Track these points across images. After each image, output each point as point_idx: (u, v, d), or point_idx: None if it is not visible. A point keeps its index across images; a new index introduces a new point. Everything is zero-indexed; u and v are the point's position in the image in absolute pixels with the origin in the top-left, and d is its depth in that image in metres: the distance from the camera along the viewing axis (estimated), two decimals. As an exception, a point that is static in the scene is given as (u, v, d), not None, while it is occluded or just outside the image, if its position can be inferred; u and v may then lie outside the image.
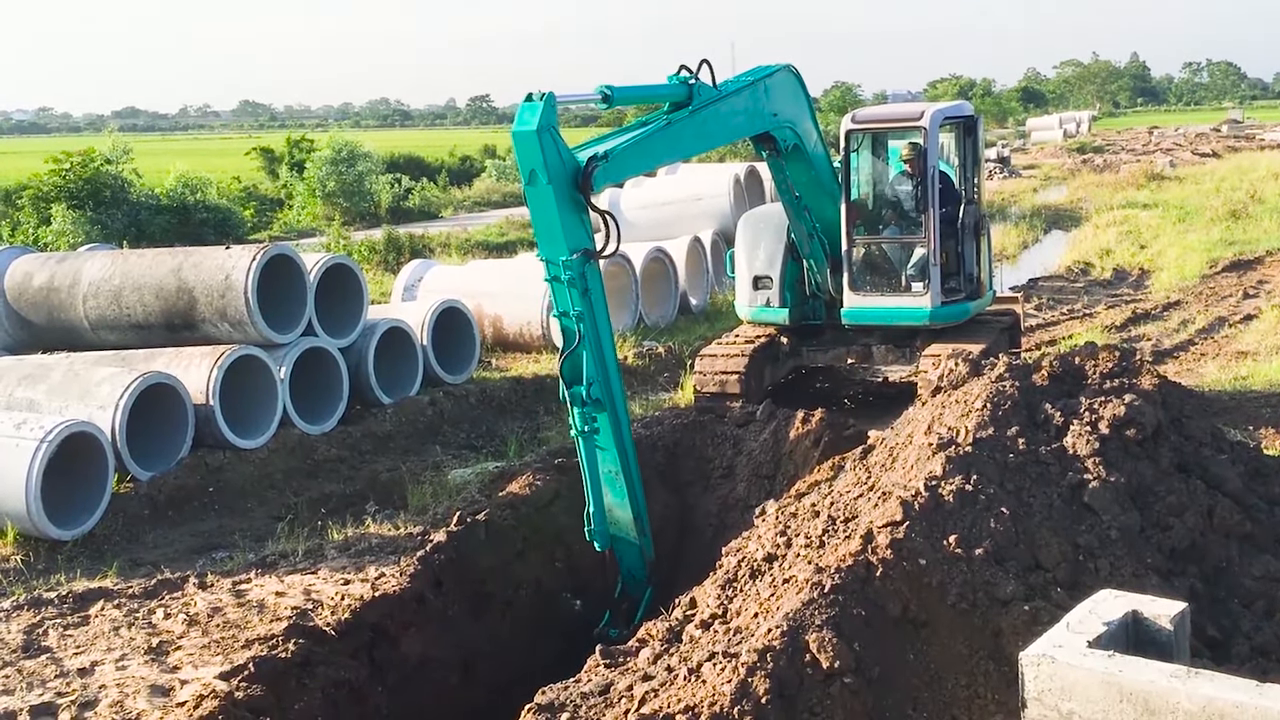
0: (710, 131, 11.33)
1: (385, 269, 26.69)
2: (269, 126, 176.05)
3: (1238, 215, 30.12)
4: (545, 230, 8.80)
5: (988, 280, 14.10)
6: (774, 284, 14.05)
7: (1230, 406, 12.75)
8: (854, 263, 13.60)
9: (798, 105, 12.85)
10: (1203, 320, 18.35)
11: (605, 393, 8.99)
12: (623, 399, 9.30)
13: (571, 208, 8.81)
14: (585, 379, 8.90)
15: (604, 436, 9.06)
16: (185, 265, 13.89)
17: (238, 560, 10.38)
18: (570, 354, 8.85)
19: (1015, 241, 30.06)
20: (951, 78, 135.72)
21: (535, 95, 8.57)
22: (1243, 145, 65.38)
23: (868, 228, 13.79)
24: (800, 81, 12.91)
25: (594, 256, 8.94)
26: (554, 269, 8.79)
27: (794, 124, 12.67)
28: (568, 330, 8.89)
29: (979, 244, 13.74)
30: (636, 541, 9.42)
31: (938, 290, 13.28)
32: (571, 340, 8.88)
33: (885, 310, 13.59)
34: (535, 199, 8.75)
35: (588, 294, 8.82)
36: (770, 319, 14.16)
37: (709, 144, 11.57)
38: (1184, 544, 6.40)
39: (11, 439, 10.97)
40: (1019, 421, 6.90)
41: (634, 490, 9.27)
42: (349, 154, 40.57)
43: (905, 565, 5.90)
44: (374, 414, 14.55)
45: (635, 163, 10.22)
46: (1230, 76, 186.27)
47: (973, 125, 13.87)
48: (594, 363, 8.91)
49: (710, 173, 28.91)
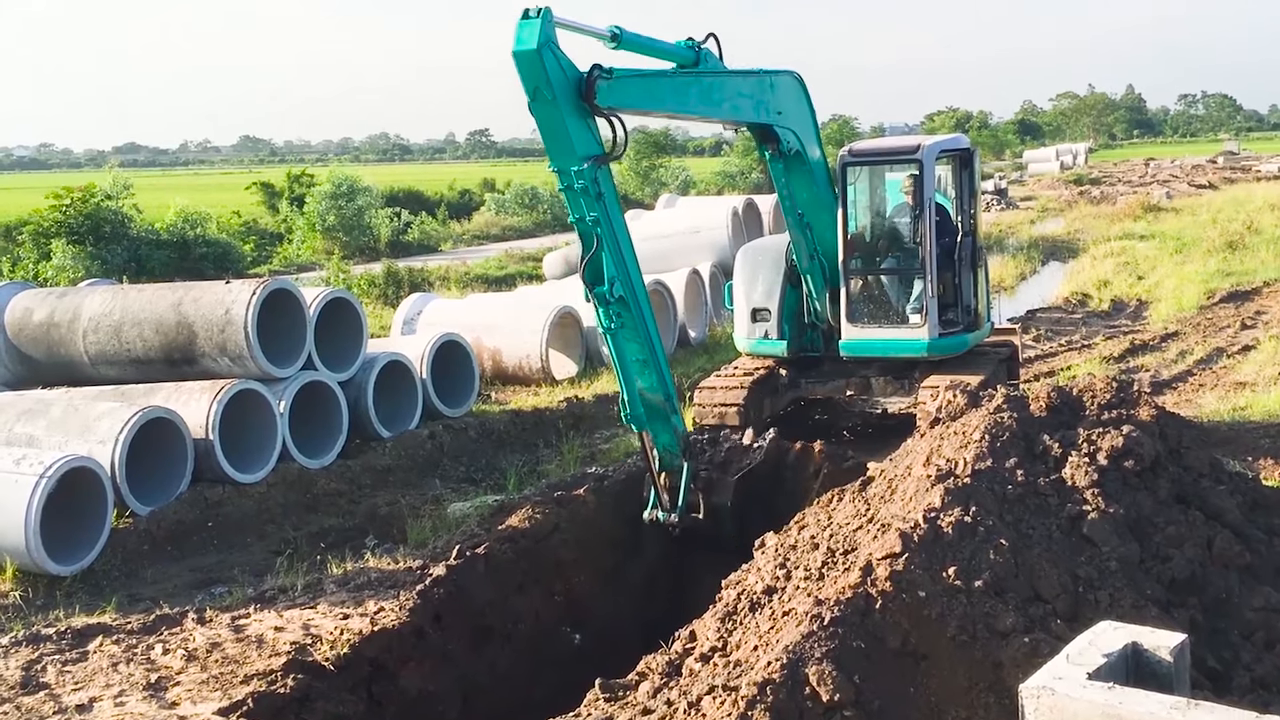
0: (715, 100, 11.63)
1: (385, 303, 26.74)
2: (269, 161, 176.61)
3: (1235, 246, 30.19)
4: (555, 143, 9.19)
5: (985, 312, 14.14)
6: (772, 316, 14.10)
7: (1229, 437, 12.74)
8: (852, 295, 13.65)
9: (800, 111, 12.99)
10: (1201, 351, 18.37)
11: (628, 290, 9.54)
12: (644, 291, 9.86)
13: (578, 117, 9.18)
14: (607, 279, 9.43)
15: (629, 330, 9.63)
16: (185, 300, 13.91)
17: (236, 595, 10.35)
18: (590, 259, 9.36)
19: (1013, 273, 30.13)
20: (948, 110, 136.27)
21: (532, 11, 8.77)
22: (1239, 176, 65.60)
23: (865, 260, 13.84)
24: (804, 90, 13.07)
25: (603, 161, 9.39)
26: (567, 179, 9.25)
27: (796, 129, 12.81)
28: (585, 235, 9.41)
29: (976, 276, 13.78)
30: (669, 421, 10.05)
31: (935, 322, 13.31)
32: (590, 245, 9.39)
33: (883, 342, 13.62)
34: (542, 114, 9.08)
35: (601, 198, 9.32)
36: (769, 350, 14.20)
37: (711, 110, 11.74)
38: (1184, 575, 6.39)
39: (11, 474, 10.96)
40: (1017, 453, 6.91)
41: (661, 374, 9.90)
42: (349, 188, 40.74)
43: (905, 597, 5.89)
44: (373, 447, 14.54)
45: (637, 93, 10.35)
46: (1226, 108, 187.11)
47: (969, 158, 13.92)
48: (613, 263, 9.44)
49: (708, 205, 29.01)
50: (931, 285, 13.27)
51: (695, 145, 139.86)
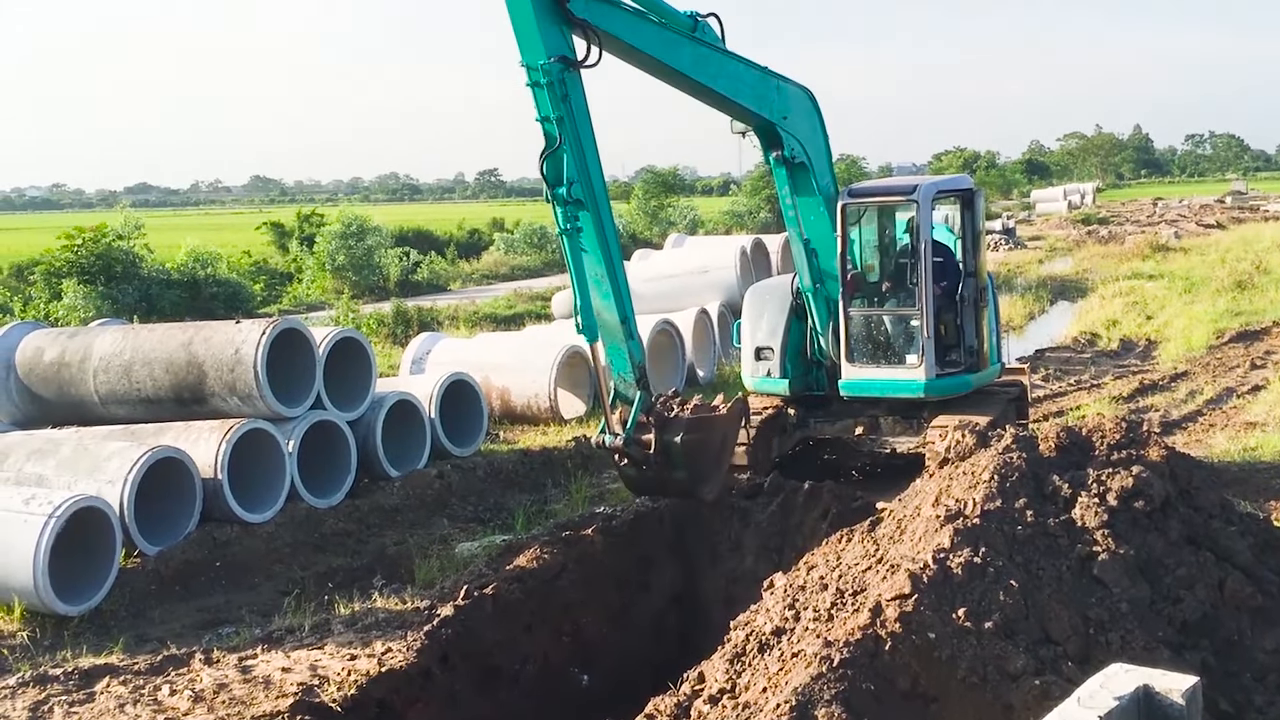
0: (708, 71, 12.04)
1: (394, 342, 26.79)
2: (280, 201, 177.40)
3: (1244, 286, 30.18)
4: (524, 36, 9.81)
5: (992, 352, 14.10)
6: (774, 354, 14.15)
7: (1239, 478, 12.69)
8: (851, 334, 13.69)
9: (811, 127, 13.22)
10: (1210, 391, 18.33)
11: (587, 194, 9.96)
12: (607, 206, 10.28)
13: (550, 16, 9.83)
14: (565, 180, 9.88)
15: (587, 238, 10.06)
16: (195, 339, 13.96)
17: (244, 636, 10.32)
18: (551, 154, 9.89)
19: (1022, 312, 30.13)
20: (956, 150, 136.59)
21: None
22: (1247, 216, 65.69)
23: (864, 299, 13.88)
24: (816, 109, 13.32)
25: (574, 65, 9.93)
26: (534, 74, 9.78)
27: (804, 142, 13.03)
28: (549, 134, 9.90)
29: (980, 316, 13.77)
30: (624, 346, 10.40)
31: (932, 362, 13.29)
32: (551, 143, 9.85)
33: (882, 382, 13.63)
34: (514, 6, 9.75)
35: (568, 99, 9.85)
36: (772, 389, 14.22)
37: (701, 77, 12.03)
38: (1195, 617, 6.36)
39: (20, 514, 10.96)
40: (1027, 493, 6.89)
41: (619, 294, 10.31)
42: (359, 228, 40.96)
43: (914, 639, 5.86)
44: (381, 487, 14.53)
45: (621, 22, 10.94)
46: (1233, 148, 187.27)
47: (971, 198, 13.90)
48: (575, 165, 9.92)
49: (717, 245, 29.09)
50: (927, 325, 13.24)
51: (703, 185, 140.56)
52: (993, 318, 14.16)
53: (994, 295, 14.46)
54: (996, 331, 14.29)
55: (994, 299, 14.42)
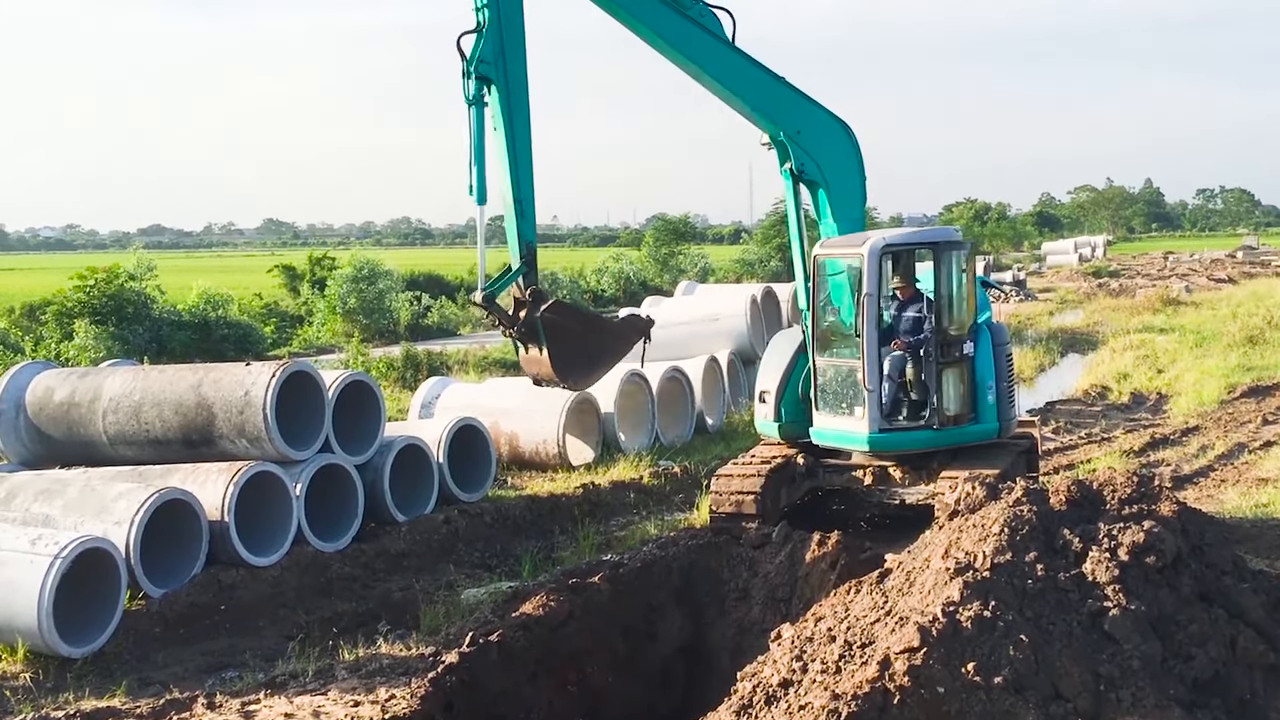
0: (699, 53, 13.07)
1: (403, 386, 26.80)
2: (292, 244, 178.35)
3: (1255, 341, 30.12)
4: None
5: (987, 409, 13.73)
6: (770, 398, 14.33)
7: (1251, 534, 12.62)
8: (819, 382, 13.89)
9: (836, 156, 13.75)
10: (1222, 446, 18.25)
11: (499, 75, 11.34)
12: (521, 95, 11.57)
13: None
14: (478, 57, 11.28)
15: (495, 115, 11.43)
16: (205, 381, 13.98)
17: (247, 680, 10.27)
18: (473, 33, 11.30)
19: (1032, 364, 30.11)
20: (966, 201, 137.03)
21: None
22: (1258, 271, 65.81)
23: (833, 349, 13.98)
24: (849, 142, 13.85)
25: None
26: None
27: (823, 165, 13.61)
28: (478, 20, 11.33)
29: (955, 373, 13.57)
30: (515, 224, 11.69)
31: (876, 415, 13.33)
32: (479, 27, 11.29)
33: (837, 433, 13.79)
34: None
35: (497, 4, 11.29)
36: (767, 432, 14.48)
37: (690, 56, 13.07)
38: (1207, 675, 6.29)
39: (26, 555, 10.95)
40: (1037, 547, 6.85)
41: (516, 175, 11.58)
42: (370, 272, 41.12)
43: (923, 693, 5.81)
44: (388, 531, 14.49)
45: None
46: (1244, 203, 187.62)
47: (942, 251, 13.70)
48: (491, 49, 11.30)
49: (727, 293, 29.11)
50: (868, 377, 13.28)
51: (715, 233, 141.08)
52: (987, 372, 13.75)
53: (990, 350, 13.91)
54: (999, 389, 13.88)
55: (989, 354, 13.88)
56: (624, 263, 60.38)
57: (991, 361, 13.86)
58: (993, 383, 13.85)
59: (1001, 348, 14.09)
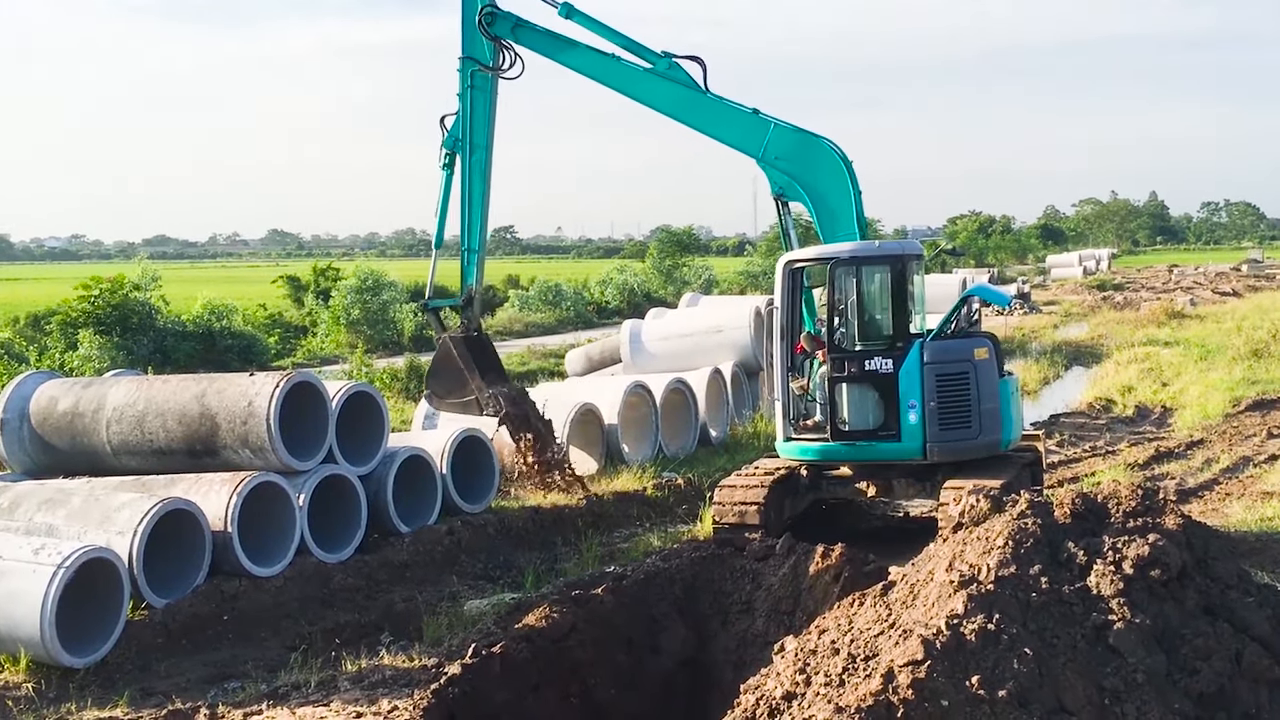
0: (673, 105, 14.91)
1: (406, 397, 26.80)
2: (296, 255, 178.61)
3: (1260, 354, 30.06)
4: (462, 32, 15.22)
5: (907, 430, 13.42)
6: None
7: (1256, 548, 12.59)
8: None
9: (819, 176, 14.20)
10: (1227, 459, 18.22)
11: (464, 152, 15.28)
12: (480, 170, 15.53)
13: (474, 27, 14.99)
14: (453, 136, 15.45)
15: (461, 179, 15.49)
16: (209, 391, 13.97)
17: (250, 691, 10.25)
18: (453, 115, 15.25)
19: (1036, 377, 30.08)
20: (971, 214, 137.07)
21: None
22: (1263, 285, 65.78)
23: None
24: (835, 160, 14.19)
25: (485, 68, 15.10)
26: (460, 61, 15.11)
27: (807, 187, 14.17)
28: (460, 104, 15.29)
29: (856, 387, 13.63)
30: (463, 268, 15.94)
31: (780, 426, 14.15)
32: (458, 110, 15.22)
33: None
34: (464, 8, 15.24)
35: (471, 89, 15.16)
36: None
37: (665, 109, 14.97)
38: (1212, 689, 6.27)
39: (29, 564, 10.93)
40: (1041, 560, 6.83)
41: (469, 229, 15.77)
42: (374, 283, 41.19)
43: (927, 706, 5.79)
44: (391, 542, 14.46)
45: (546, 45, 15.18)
46: (1249, 216, 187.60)
47: (897, 263, 13.62)
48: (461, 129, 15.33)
49: (731, 305, 29.09)
50: (775, 388, 14.23)
51: (719, 245, 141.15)
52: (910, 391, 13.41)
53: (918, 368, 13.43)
54: (927, 408, 13.37)
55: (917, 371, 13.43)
56: (628, 274, 60.47)
57: (919, 380, 13.39)
58: (915, 401, 13.39)
59: (935, 366, 13.45)
